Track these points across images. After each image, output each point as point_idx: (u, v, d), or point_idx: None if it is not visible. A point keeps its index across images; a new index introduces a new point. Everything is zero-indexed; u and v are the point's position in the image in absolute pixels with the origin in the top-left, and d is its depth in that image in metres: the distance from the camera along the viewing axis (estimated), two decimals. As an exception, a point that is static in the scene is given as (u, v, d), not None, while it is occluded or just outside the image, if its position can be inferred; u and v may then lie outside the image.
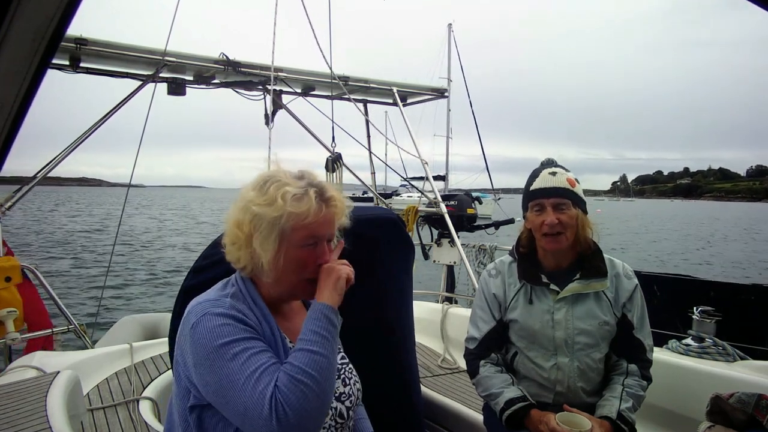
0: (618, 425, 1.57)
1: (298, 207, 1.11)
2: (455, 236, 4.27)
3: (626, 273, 1.77)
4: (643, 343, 1.72)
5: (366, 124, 5.06)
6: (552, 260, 1.77)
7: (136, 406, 2.29)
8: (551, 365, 1.70)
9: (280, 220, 1.11)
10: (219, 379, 1.00)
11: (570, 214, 1.68)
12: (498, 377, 1.74)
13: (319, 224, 1.15)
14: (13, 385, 1.87)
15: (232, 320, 1.05)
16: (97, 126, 3.72)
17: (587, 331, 1.68)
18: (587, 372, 1.70)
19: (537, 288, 1.75)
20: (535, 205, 1.73)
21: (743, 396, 1.54)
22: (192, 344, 1.04)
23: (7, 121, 0.72)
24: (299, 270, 1.16)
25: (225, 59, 3.91)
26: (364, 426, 1.40)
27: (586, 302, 1.71)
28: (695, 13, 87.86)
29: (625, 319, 1.72)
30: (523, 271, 1.78)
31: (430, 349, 3.23)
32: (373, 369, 1.85)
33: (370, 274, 1.96)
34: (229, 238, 1.17)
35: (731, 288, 4.37)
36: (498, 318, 1.80)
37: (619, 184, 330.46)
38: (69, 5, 0.59)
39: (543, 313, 1.72)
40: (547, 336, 1.70)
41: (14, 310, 2.89)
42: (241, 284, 1.18)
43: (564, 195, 1.69)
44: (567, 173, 1.74)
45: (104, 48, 3.47)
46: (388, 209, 3.37)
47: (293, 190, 1.12)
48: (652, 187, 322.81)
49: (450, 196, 4.75)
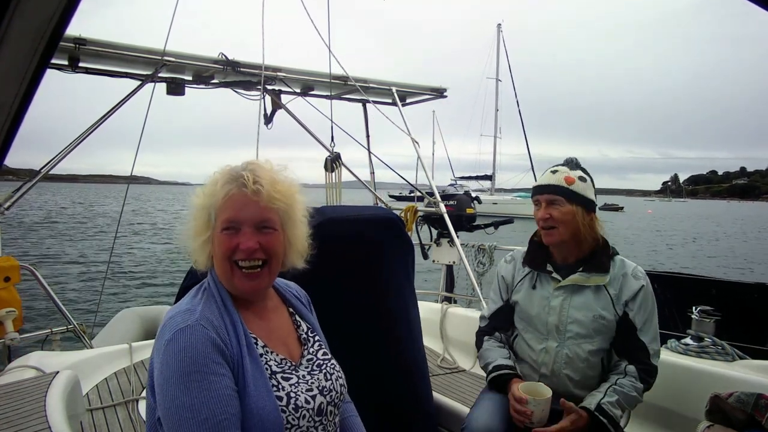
0: (596, 417, 1.60)
1: (214, 191, 1.15)
2: (455, 236, 4.26)
3: (635, 274, 1.79)
4: (647, 347, 1.72)
5: (365, 125, 5.06)
6: (559, 254, 1.87)
7: (136, 406, 2.29)
8: (541, 348, 1.80)
9: (208, 204, 1.16)
10: (171, 406, 1.01)
11: (563, 210, 1.78)
12: (497, 350, 1.89)
13: (239, 209, 1.13)
14: (12, 385, 1.87)
15: (200, 341, 1.05)
16: (97, 126, 3.71)
17: (580, 321, 1.75)
18: (575, 361, 1.74)
19: (542, 275, 1.86)
20: (534, 200, 1.88)
21: (742, 395, 1.54)
22: (161, 361, 1.05)
23: (6, 121, 0.72)
24: (223, 257, 1.14)
25: (224, 59, 3.91)
26: (353, 423, 1.39)
27: (584, 294, 1.78)
28: (742, 6, 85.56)
29: (626, 318, 1.73)
30: (530, 258, 1.91)
31: (429, 348, 3.23)
32: (376, 369, 1.85)
33: (369, 273, 1.96)
34: (184, 238, 1.20)
35: (733, 286, 4.37)
36: (505, 299, 1.95)
37: (670, 184, 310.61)
38: (68, 5, 0.59)
39: (542, 299, 1.83)
40: (542, 320, 1.81)
41: (13, 310, 2.88)
42: (213, 287, 1.18)
43: (556, 191, 1.80)
44: (570, 171, 1.83)
45: (103, 48, 3.47)
46: (387, 209, 3.37)
47: (218, 176, 1.17)
48: (705, 188, 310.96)
49: (450, 196, 4.75)
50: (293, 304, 1.36)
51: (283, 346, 1.23)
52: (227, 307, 1.15)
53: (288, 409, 1.11)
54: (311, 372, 1.23)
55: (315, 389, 1.19)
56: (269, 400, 1.09)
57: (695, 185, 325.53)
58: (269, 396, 1.09)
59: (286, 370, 1.18)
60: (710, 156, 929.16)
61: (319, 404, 1.17)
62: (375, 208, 3.00)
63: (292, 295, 1.39)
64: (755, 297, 3.93)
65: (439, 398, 2.44)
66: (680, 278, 4.69)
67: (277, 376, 1.15)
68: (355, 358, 1.42)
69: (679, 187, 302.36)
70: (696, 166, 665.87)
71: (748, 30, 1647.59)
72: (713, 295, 4.06)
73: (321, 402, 1.18)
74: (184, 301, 1.16)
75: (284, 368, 1.18)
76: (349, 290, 1.82)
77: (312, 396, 1.17)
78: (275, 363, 1.17)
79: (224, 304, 1.16)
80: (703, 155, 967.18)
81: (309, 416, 1.14)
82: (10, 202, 3.31)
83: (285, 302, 1.35)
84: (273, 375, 1.14)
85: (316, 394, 1.18)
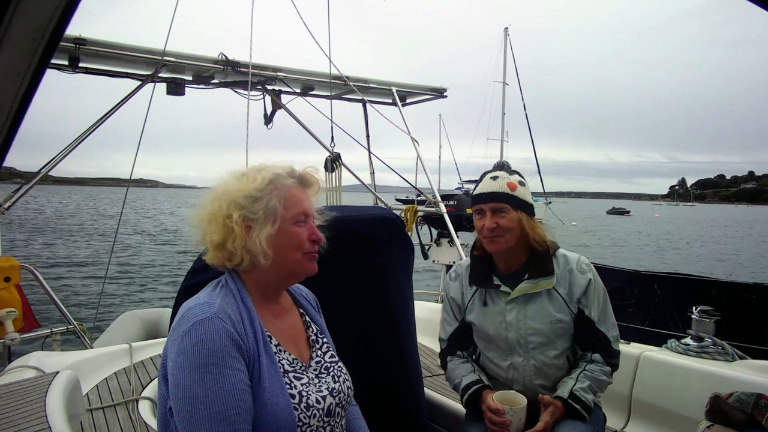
0: (570, 404, 1.62)
1: (288, 186, 1.19)
2: (454, 236, 4.27)
3: (580, 267, 1.75)
4: (607, 336, 1.72)
5: (365, 125, 5.06)
6: (502, 262, 1.80)
7: (136, 406, 2.29)
8: (507, 365, 1.76)
9: (272, 201, 1.17)
10: (184, 396, 1.01)
11: (510, 218, 1.71)
12: (461, 367, 1.83)
13: (304, 201, 1.22)
14: (13, 385, 1.87)
15: (218, 334, 1.06)
16: (97, 126, 3.72)
17: (540, 331, 1.70)
18: (544, 369, 1.72)
19: (491, 290, 1.78)
20: (476, 209, 1.78)
21: (742, 395, 1.54)
22: (177, 352, 1.05)
23: (6, 122, 0.71)
24: (297, 247, 1.20)
25: (224, 59, 3.91)
26: (359, 425, 1.40)
27: (538, 301, 1.72)
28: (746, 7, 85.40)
29: (582, 315, 1.72)
30: (474, 275, 1.83)
31: (429, 348, 3.24)
32: (375, 369, 1.85)
33: (370, 273, 1.96)
34: (216, 238, 1.17)
35: (733, 286, 4.37)
36: (459, 319, 1.88)
37: (678, 188, 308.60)
38: (68, 5, 0.59)
39: (496, 315, 1.76)
40: (501, 337, 1.75)
41: (13, 310, 2.89)
42: (232, 284, 1.19)
43: (501, 199, 1.72)
44: (509, 177, 1.76)
45: (103, 48, 3.47)
46: (387, 209, 3.37)
47: (277, 170, 1.20)
48: (713, 192, 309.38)
49: (449, 196, 4.75)
50: (303, 306, 1.37)
51: (294, 346, 1.25)
52: (245, 303, 1.16)
53: (300, 407, 1.12)
54: (320, 375, 1.24)
55: (324, 390, 1.20)
56: (283, 397, 1.10)
57: (703, 189, 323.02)
58: (283, 392, 1.10)
59: (297, 369, 1.19)
60: (718, 160, 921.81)
61: (329, 405, 1.18)
62: (375, 208, 3.00)
63: (302, 296, 1.41)
64: (755, 297, 3.93)
65: (438, 398, 2.44)
66: (680, 278, 4.69)
67: (289, 375, 1.16)
68: (354, 358, 1.42)
69: (687, 191, 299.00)
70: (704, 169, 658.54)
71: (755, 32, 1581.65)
72: (713, 295, 4.06)
73: (330, 403, 1.19)
74: (202, 294, 1.17)
75: (296, 368, 1.19)
76: (349, 290, 1.82)
77: (322, 396, 1.18)
78: (288, 362, 1.18)
79: (242, 300, 1.17)
80: (710, 159, 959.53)
81: (319, 416, 1.15)
82: (10, 202, 3.32)
83: (296, 303, 1.37)
84: (286, 373, 1.15)
85: (326, 395, 1.19)
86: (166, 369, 1.10)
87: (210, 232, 1.19)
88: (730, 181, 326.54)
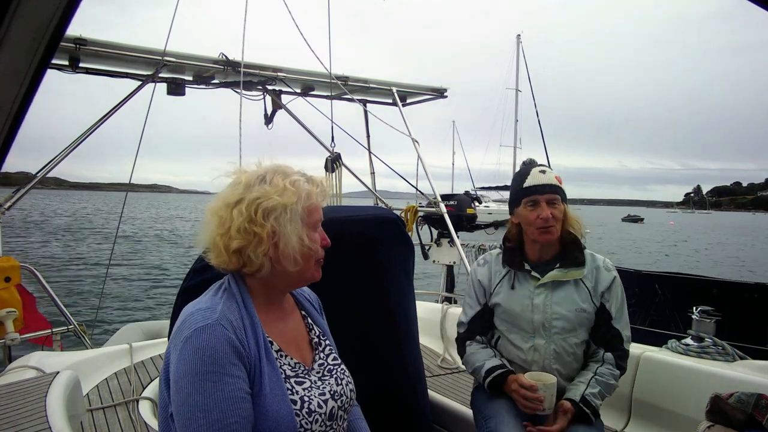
0: (580, 408, 1.68)
1: (309, 192, 1.20)
2: (455, 236, 4.27)
3: (606, 266, 1.87)
4: (621, 334, 1.81)
5: (366, 125, 5.06)
6: (537, 252, 1.89)
7: (136, 407, 2.29)
8: (529, 346, 1.82)
9: (298, 206, 1.17)
10: (184, 403, 1.01)
11: (560, 209, 1.82)
12: (481, 352, 1.88)
13: (319, 207, 1.24)
14: (13, 385, 1.87)
15: (219, 341, 1.05)
16: (97, 126, 3.72)
17: (564, 316, 1.79)
18: (563, 355, 1.80)
19: (520, 274, 1.87)
20: (529, 201, 1.84)
21: (743, 396, 1.54)
22: (179, 358, 1.05)
23: (6, 122, 0.72)
24: (316, 252, 1.22)
25: (224, 59, 3.91)
26: (360, 426, 1.39)
27: (565, 289, 1.82)
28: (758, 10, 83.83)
29: (603, 309, 1.81)
30: (508, 258, 1.91)
31: (429, 349, 3.24)
32: (376, 370, 1.85)
33: (370, 273, 1.96)
34: (236, 244, 1.13)
35: (733, 286, 4.37)
36: (483, 303, 1.94)
37: (693, 196, 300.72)
38: (69, 5, 0.59)
39: (524, 298, 1.84)
40: (527, 319, 1.82)
41: (14, 310, 2.89)
42: (235, 287, 1.17)
43: (556, 191, 1.83)
44: (553, 171, 1.89)
45: (103, 48, 3.47)
46: (388, 209, 3.37)
47: (299, 177, 1.20)
48: (729, 199, 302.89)
49: (450, 196, 4.75)
50: (306, 308, 1.37)
51: (297, 349, 1.24)
52: (248, 308, 1.15)
53: (302, 413, 1.11)
54: (322, 377, 1.24)
55: (327, 393, 1.19)
56: (284, 403, 1.09)
57: (719, 197, 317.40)
58: (284, 399, 1.10)
59: (299, 374, 1.18)
60: (733, 167, 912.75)
61: (331, 409, 1.18)
62: (375, 208, 3.00)
63: (305, 298, 1.40)
64: (755, 297, 3.93)
65: (439, 398, 2.44)
66: (680, 278, 4.69)
67: (291, 380, 1.15)
68: (354, 358, 1.42)
69: (703, 199, 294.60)
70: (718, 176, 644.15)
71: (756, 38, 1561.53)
72: (713, 295, 4.06)
73: (333, 407, 1.19)
74: (204, 298, 1.16)
75: (298, 372, 1.18)
76: (349, 290, 1.81)
77: (324, 400, 1.17)
78: (289, 367, 1.17)
79: (245, 305, 1.15)
80: (725, 166, 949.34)
81: (321, 420, 1.15)
82: (10, 202, 3.32)
83: (298, 305, 1.36)
84: (287, 379, 1.15)
85: (328, 399, 1.19)
86: (167, 374, 1.10)
87: (230, 238, 1.14)
88: (746, 188, 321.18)
